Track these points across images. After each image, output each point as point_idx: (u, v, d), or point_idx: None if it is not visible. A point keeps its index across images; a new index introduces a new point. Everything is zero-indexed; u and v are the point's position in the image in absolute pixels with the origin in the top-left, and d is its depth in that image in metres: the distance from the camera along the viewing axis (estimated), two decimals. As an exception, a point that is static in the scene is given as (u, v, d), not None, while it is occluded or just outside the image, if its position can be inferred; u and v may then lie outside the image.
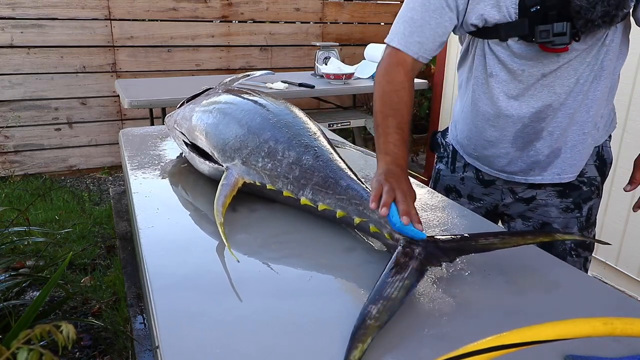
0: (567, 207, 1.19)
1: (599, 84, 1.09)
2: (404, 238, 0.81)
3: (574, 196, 1.18)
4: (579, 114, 1.10)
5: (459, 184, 1.30)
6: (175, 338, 0.64)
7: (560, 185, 1.18)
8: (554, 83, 1.07)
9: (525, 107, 1.11)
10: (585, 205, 1.18)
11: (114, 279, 2.21)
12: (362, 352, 0.61)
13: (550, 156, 1.15)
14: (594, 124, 1.12)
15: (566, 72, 1.06)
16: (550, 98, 1.09)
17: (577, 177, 1.16)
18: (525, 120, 1.12)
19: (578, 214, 1.19)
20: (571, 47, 1.02)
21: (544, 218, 1.20)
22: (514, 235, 0.91)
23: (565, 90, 1.08)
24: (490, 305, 0.74)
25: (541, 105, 1.10)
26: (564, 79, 1.07)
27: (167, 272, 0.81)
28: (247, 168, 1.02)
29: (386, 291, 0.70)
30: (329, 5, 4.19)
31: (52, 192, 3.24)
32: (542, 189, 1.19)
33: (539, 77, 1.07)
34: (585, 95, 1.09)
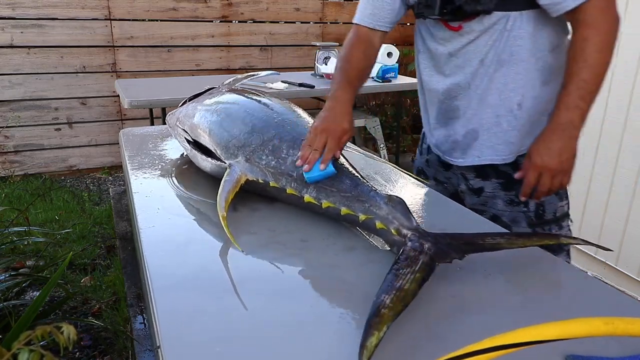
0: (511, 200, 1.22)
1: (509, 69, 1.14)
2: (413, 234, 0.81)
3: (517, 189, 1.19)
4: (490, 96, 1.17)
5: (425, 167, 1.40)
6: (176, 338, 0.64)
7: (502, 177, 1.21)
8: (463, 63, 1.17)
9: (440, 83, 1.22)
10: (532, 200, 1.19)
11: (114, 279, 2.20)
12: (378, 339, 0.61)
13: (468, 137, 1.22)
14: (508, 109, 1.17)
15: (471, 53, 1.15)
16: (459, 77, 1.18)
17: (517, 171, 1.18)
18: (441, 96, 1.23)
19: (525, 208, 1.21)
20: (468, 27, 1.13)
21: (493, 210, 1.24)
22: (521, 237, 0.91)
23: (471, 70, 1.16)
24: (491, 305, 0.74)
25: (451, 83, 1.20)
26: (469, 59, 1.16)
27: (168, 272, 0.81)
28: (251, 165, 1.02)
29: (398, 282, 0.70)
30: (329, 5, 4.19)
31: (52, 192, 3.23)
32: (488, 180, 1.23)
33: (448, 56, 1.19)
34: (491, 78, 1.15)
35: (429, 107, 1.30)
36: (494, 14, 1.09)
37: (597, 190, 2.37)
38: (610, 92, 2.26)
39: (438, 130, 1.28)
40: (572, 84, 1.05)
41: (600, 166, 2.36)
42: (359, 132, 3.92)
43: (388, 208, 0.86)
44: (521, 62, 1.13)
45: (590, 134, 2.39)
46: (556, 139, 1.06)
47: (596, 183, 2.38)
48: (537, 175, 1.08)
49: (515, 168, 1.19)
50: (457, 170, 1.28)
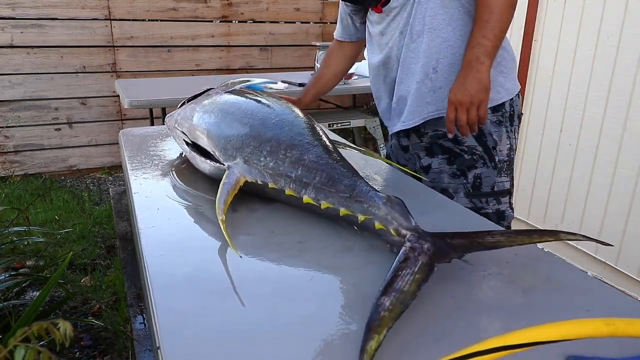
0: (454, 173, 1.34)
1: (423, 38, 1.28)
2: (412, 234, 0.81)
3: (458, 163, 1.33)
4: (413, 65, 1.32)
5: (390, 152, 1.57)
6: (176, 338, 0.64)
7: (447, 153, 1.34)
8: (388, 39, 1.35)
9: (377, 58, 1.41)
10: (470, 172, 1.32)
11: (114, 279, 2.21)
12: (378, 343, 0.61)
13: (400, 103, 1.39)
14: (425, 74, 1.31)
15: (393, 28, 1.33)
16: (388, 51, 1.36)
17: (457, 145, 1.33)
18: (381, 70, 1.41)
19: (464, 180, 1.33)
20: (388, 8, 1.31)
21: (440, 184, 1.36)
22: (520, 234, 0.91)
23: (395, 43, 1.34)
24: (491, 305, 0.74)
25: (384, 57, 1.38)
26: (391, 34, 1.34)
27: (168, 272, 0.81)
28: (249, 167, 1.02)
29: (397, 284, 0.70)
30: (329, 5, 4.19)
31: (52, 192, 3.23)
32: (435, 157, 1.36)
33: (380, 35, 1.38)
34: (409, 48, 1.31)
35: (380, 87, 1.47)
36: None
37: (597, 190, 2.37)
38: (610, 92, 2.26)
39: (383, 101, 1.47)
40: (475, 26, 1.19)
41: (600, 166, 2.36)
42: (359, 132, 3.92)
43: (387, 208, 0.86)
44: (435, 31, 1.27)
45: (590, 133, 2.39)
46: (465, 75, 1.17)
47: (596, 183, 2.38)
48: (453, 110, 1.19)
49: (455, 142, 1.33)
50: (412, 150, 1.44)
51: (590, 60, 2.36)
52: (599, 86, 2.32)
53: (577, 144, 2.47)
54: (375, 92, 1.51)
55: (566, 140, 2.52)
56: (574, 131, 2.48)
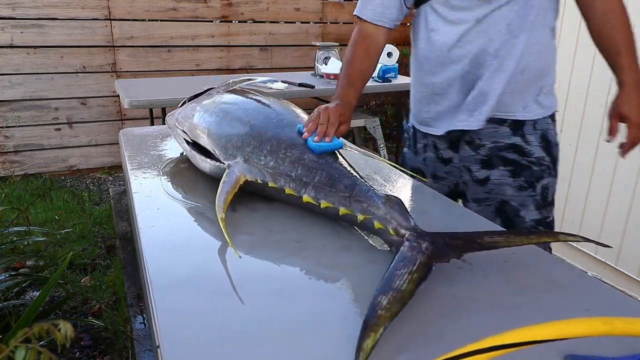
0: (520, 185, 1.27)
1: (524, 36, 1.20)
2: (411, 233, 0.81)
3: (526, 175, 1.27)
4: (507, 62, 1.21)
5: (422, 165, 1.42)
6: (175, 338, 0.64)
7: (510, 165, 1.27)
8: (488, 29, 1.20)
9: (464, 52, 1.23)
10: (538, 183, 1.27)
11: (114, 279, 2.21)
12: (374, 341, 0.61)
13: (477, 99, 1.25)
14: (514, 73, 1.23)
15: (497, 18, 1.19)
16: (484, 43, 1.21)
17: (524, 157, 1.26)
18: (466, 66, 1.24)
19: (532, 192, 1.27)
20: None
21: (500, 196, 1.28)
22: (519, 235, 0.92)
23: (497, 35, 1.20)
24: (491, 304, 0.74)
25: (478, 50, 1.22)
26: (494, 25, 1.20)
27: (168, 272, 0.81)
28: (249, 166, 1.02)
29: (395, 283, 0.70)
30: (329, 5, 4.19)
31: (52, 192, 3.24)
32: (494, 169, 1.28)
33: (475, 23, 1.20)
34: (513, 44, 1.20)
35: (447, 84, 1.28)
36: None
37: (597, 190, 2.37)
38: (610, 92, 2.26)
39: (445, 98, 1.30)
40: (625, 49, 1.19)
41: (600, 166, 2.36)
42: (359, 132, 3.92)
43: (386, 208, 0.86)
44: (534, 31, 1.20)
45: (589, 133, 2.39)
46: None
47: (596, 183, 2.38)
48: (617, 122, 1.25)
49: (521, 153, 1.26)
50: (460, 163, 1.33)
51: (590, 59, 2.36)
52: (599, 86, 2.32)
53: (577, 144, 2.47)
54: (430, 86, 1.32)
55: (566, 140, 2.53)
56: (574, 131, 2.48)
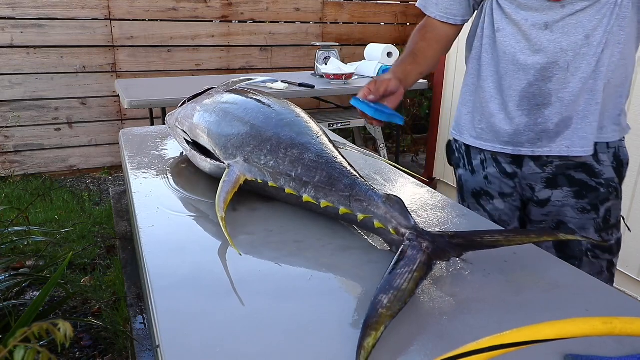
0: (583, 208, 1.16)
1: (613, 51, 1.03)
2: (411, 233, 0.81)
3: (591, 197, 1.15)
4: (593, 81, 1.05)
5: (485, 185, 1.25)
6: (176, 337, 0.64)
7: (576, 185, 1.15)
8: (561, 39, 1.04)
9: (531, 60, 1.08)
10: (602, 206, 1.16)
11: (114, 279, 2.21)
12: (375, 339, 0.61)
13: (560, 125, 1.09)
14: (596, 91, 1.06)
15: (573, 27, 1.02)
16: (556, 55, 1.05)
17: (593, 178, 1.14)
18: (530, 78, 1.09)
19: (595, 215, 1.16)
20: None
21: (559, 218, 1.18)
22: (519, 234, 0.91)
23: (572, 47, 1.03)
24: (491, 304, 0.74)
25: (546, 62, 1.06)
26: (570, 34, 1.03)
27: (168, 272, 0.81)
28: (249, 165, 1.02)
29: (396, 282, 0.71)
30: (329, 5, 4.19)
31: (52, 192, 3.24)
32: (558, 189, 1.16)
33: (543, 28, 1.05)
34: (599, 60, 1.03)
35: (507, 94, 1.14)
36: None
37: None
38: None
39: (517, 119, 1.14)
40: None
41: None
42: (359, 132, 3.92)
43: (386, 207, 0.86)
44: (618, 45, 1.04)
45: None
46: None
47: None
48: None
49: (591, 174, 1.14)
50: (524, 181, 1.20)
51: None
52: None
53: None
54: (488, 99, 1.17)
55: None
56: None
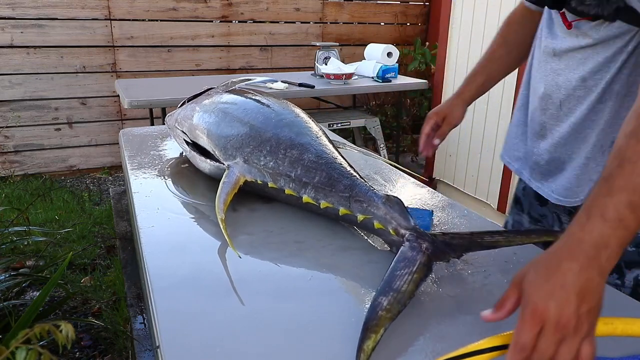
0: None
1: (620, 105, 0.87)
2: (411, 233, 0.81)
3: None
4: (589, 130, 0.91)
5: (521, 194, 1.16)
6: (175, 338, 0.64)
7: None
8: (560, 70, 0.94)
9: (537, 84, 1.00)
10: (631, 272, 0.91)
11: (114, 279, 2.21)
12: (375, 342, 0.61)
13: (551, 165, 0.99)
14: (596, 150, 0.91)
15: (573, 61, 0.90)
16: (551, 87, 0.95)
17: None
18: (535, 103, 1.01)
19: (618, 280, 0.93)
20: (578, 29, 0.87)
21: None
22: (519, 234, 0.91)
23: (566, 84, 0.92)
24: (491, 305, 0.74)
25: (543, 93, 0.98)
26: (568, 70, 0.92)
27: (168, 272, 0.81)
28: (249, 166, 1.02)
29: (395, 284, 0.71)
30: (329, 5, 4.19)
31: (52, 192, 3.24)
32: None
33: (550, 54, 0.95)
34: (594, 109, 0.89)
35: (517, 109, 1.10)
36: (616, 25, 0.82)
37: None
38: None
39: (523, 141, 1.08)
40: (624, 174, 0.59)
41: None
42: (359, 132, 3.92)
43: (386, 208, 0.86)
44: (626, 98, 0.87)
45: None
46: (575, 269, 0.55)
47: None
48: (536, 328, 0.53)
49: None
50: (553, 208, 1.06)
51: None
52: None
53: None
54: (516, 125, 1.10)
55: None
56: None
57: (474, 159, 3.01)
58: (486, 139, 2.88)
